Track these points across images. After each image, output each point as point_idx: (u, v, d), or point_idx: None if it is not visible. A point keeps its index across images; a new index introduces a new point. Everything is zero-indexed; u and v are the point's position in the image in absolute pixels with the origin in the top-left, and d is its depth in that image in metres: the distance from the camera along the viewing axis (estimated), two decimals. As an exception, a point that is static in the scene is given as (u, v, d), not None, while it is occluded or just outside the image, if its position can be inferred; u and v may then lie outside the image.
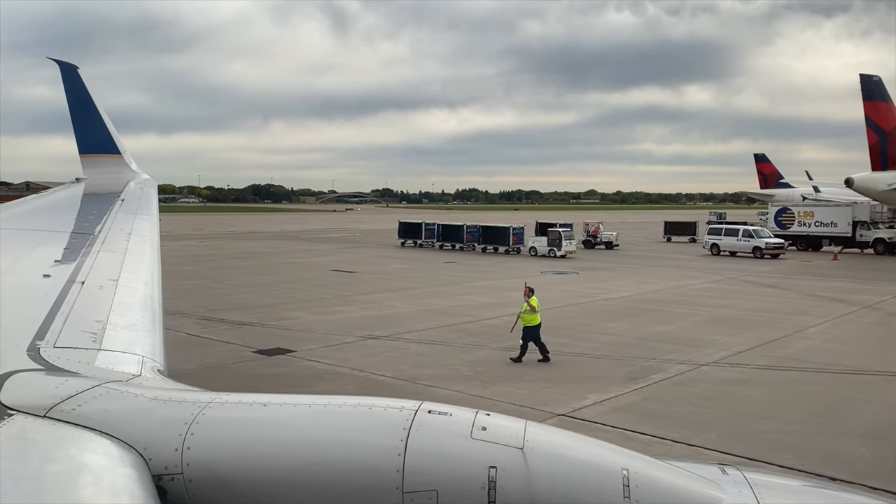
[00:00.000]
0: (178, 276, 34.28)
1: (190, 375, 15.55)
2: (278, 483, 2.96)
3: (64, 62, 14.63)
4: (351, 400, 3.29)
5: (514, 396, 14.01)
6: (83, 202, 11.64)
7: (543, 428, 3.28)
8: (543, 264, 41.88)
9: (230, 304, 25.78)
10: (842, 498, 3.34)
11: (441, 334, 20.37)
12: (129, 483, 2.77)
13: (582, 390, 14.48)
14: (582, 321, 22.75)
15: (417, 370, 16.19)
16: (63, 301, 5.26)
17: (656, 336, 20.38)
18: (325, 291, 29.39)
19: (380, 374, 15.78)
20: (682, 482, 3.07)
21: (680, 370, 16.27)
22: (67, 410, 3.19)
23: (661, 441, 11.53)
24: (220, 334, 20.23)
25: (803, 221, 55.54)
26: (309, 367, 16.59)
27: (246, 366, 16.72)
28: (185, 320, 22.31)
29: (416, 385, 14.96)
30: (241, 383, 15.07)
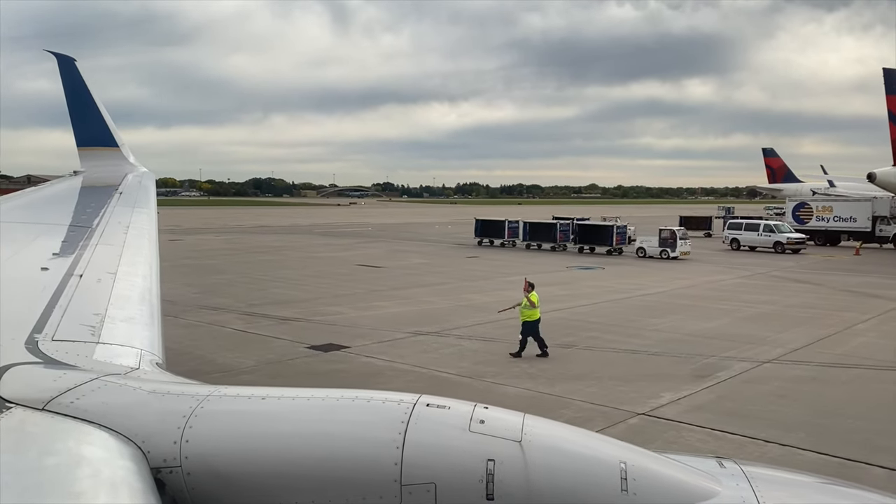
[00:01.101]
0: (204, 270, 34.09)
1: (253, 372, 15.41)
2: (277, 476, 2.96)
3: (61, 55, 14.50)
4: (349, 393, 3.28)
5: (586, 395, 13.82)
6: (81, 195, 11.56)
7: (541, 421, 3.26)
8: (575, 259, 41.64)
9: (266, 299, 25.56)
10: (839, 491, 3.34)
11: (489, 330, 20.18)
12: (127, 476, 2.75)
13: (653, 388, 14.29)
14: (626, 317, 22.54)
15: (479, 367, 16.00)
16: (61, 294, 5.23)
17: (706, 332, 20.19)
18: (356, 286, 29.17)
19: (442, 371, 15.59)
20: (680, 475, 3.09)
21: (744, 368, 16.08)
22: (66, 403, 3.17)
23: (752, 441, 11.35)
24: (267, 329, 20.02)
25: (821, 216, 55.35)
26: (368, 363, 16.38)
27: (304, 362, 16.52)
28: (226, 315, 22.11)
29: (483, 382, 14.78)
30: (302, 379, 14.86)
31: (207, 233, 63.26)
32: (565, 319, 21.99)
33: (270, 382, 14.61)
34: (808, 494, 3.25)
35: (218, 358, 16.67)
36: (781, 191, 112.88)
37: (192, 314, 22.24)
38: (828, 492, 3.34)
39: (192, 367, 15.75)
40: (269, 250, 45.96)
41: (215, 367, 15.81)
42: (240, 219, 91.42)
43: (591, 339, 19.00)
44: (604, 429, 11.91)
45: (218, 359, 16.61)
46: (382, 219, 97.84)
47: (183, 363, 16.18)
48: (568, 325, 20.95)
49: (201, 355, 16.92)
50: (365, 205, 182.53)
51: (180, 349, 17.59)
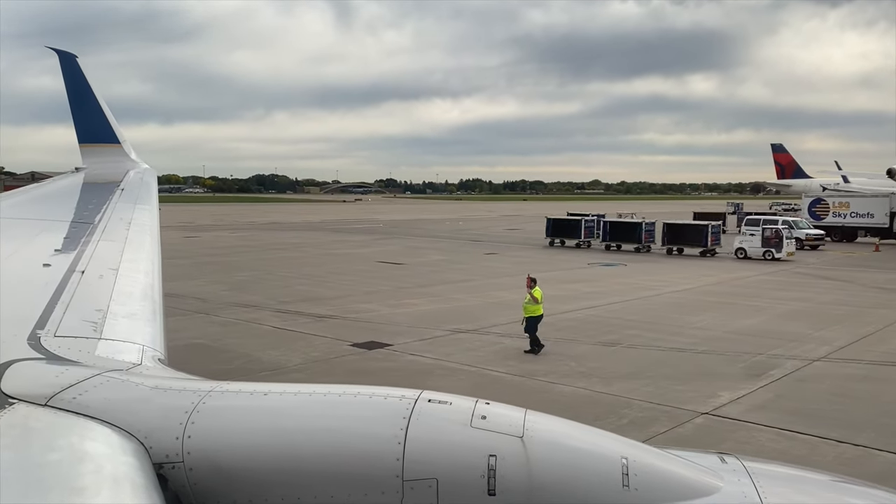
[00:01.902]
0: (228, 267, 33.97)
1: (302, 371, 15.30)
2: (279, 471, 2.96)
3: (63, 51, 14.46)
4: (351, 389, 3.27)
5: (644, 394, 13.68)
6: (83, 191, 11.56)
7: (543, 416, 3.25)
8: (596, 256, 41.48)
9: (296, 296, 25.44)
10: (841, 486, 3.33)
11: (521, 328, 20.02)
12: (130, 471, 2.75)
13: (710, 388, 14.16)
14: (661, 314, 22.39)
15: (527, 366, 15.87)
16: (63, 290, 5.23)
17: (746, 330, 20.05)
18: (382, 283, 29.04)
19: (492, 370, 15.47)
20: (681, 470, 3.08)
21: (795, 366, 15.93)
22: (68, 399, 3.17)
23: (824, 441, 11.22)
24: (306, 327, 19.90)
25: (838, 212, 55.09)
26: (414, 361, 16.27)
27: (350, 360, 16.40)
28: (261, 313, 22.00)
29: (535, 381, 14.66)
30: (353, 378, 14.70)
31: (221, 230, 63.13)
32: (601, 317, 21.86)
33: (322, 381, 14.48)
34: (810, 490, 3.22)
35: (263, 356, 16.55)
36: (791, 187, 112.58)
37: (227, 312, 22.14)
38: (830, 487, 3.30)
39: (240, 366, 15.66)
40: (287, 247, 45.83)
41: (262, 366, 15.70)
42: (248, 216, 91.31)
43: (634, 337, 18.85)
44: (670, 429, 11.82)
45: (263, 357, 16.49)
46: (391, 215, 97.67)
47: (229, 361, 16.11)
48: (606, 323, 20.81)
49: (245, 353, 16.81)
50: (370, 201, 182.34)
51: (222, 347, 17.50)
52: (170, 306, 22.96)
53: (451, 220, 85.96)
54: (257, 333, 19.12)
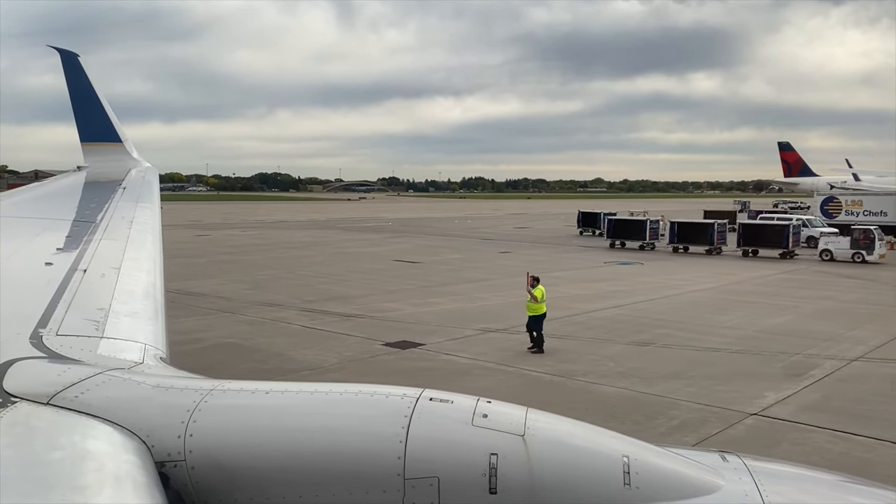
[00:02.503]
0: (245, 266, 33.87)
1: (340, 370, 15.21)
2: (280, 470, 2.96)
3: (65, 50, 14.43)
4: (353, 387, 3.27)
5: (688, 395, 13.56)
6: (85, 190, 11.57)
7: (545, 415, 3.23)
8: (611, 255, 41.34)
9: (318, 294, 25.32)
10: (844, 485, 3.31)
11: (556, 328, 19.86)
12: (131, 470, 2.74)
13: (753, 388, 14.03)
14: (689, 314, 22.26)
15: (564, 366, 15.74)
16: (65, 289, 5.22)
17: (777, 329, 19.92)
18: (403, 282, 28.93)
19: (531, 370, 15.36)
20: (683, 469, 3.07)
21: (834, 366, 15.80)
22: (70, 398, 3.17)
23: (881, 443, 11.10)
24: (334, 326, 19.79)
25: (851, 210, 54.91)
26: (450, 361, 16.16)
27: (385, 360, 16.29)
28: (287, 312, 21.90)
29: (576, 381, 14.54)
30: (392, 378, 14.58)
31: (230, 228, 63.05)
32: (630, 316, 21.73)
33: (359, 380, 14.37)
34: (811, 488, 3.19)
35: (297, 356, 16.44)
36: (798, 185, 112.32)
37: (252, 311, 22.04)
38: (832, 486, 3.28)
39: (275, 366, 15.55)
40: (300, 246, 45.72)
41: (299, 365, 15.59)
42: (255, 214, 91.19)
43: (666, 337, 18.72)
44: (722, 430, 11.70)
45: (298, 356, 16.38)
46: (397, 213, 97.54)
47: (264, 361, 16.02)
48: (636, 322, 20.68)
49: (279, 352, 16.70)
50: (374, 199, 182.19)
51: (254, 346, 17.40)
52: (194, 305, 22.95)
53: (459, 218, 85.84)
54: (287, 332, 19.01)
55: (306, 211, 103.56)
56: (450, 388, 11.60)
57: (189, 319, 20.55)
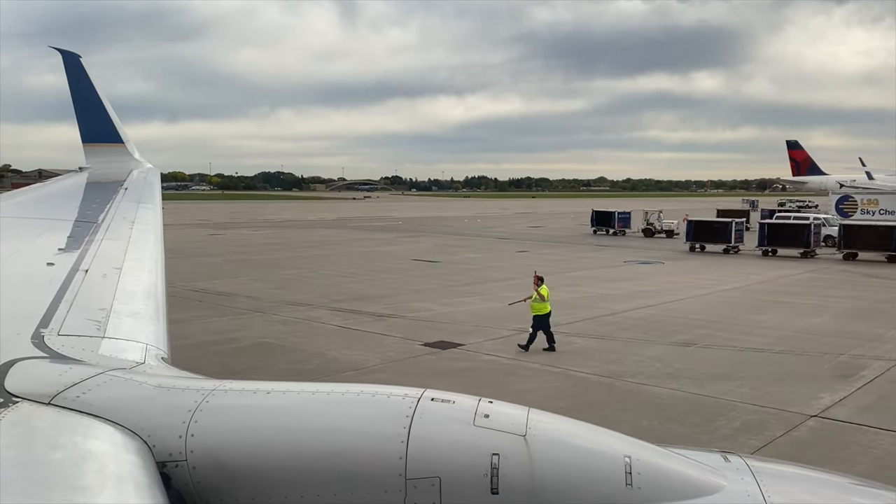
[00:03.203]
0: (265, 265, 33.74)
1: (385, 371, 15.03)
2: (282, 470, 2.95)
3: (66, 51, 14.45)
4: (354, 387, 3.27)
5: (741, 396, 13.38)
6: (86, 191, 11.65)
7: (546, 415, 3.23)
8: (627, 254, 41.17)
9: (344, 294, 25.16)
10: (847, 486, 3.29)
11: (592, 328, 19.77)
12: (133, 470, 2.74)
13: (805, 389, 13.85)
14: (723, 314, 22.05)
15: (610, 366, 15.56)
16: (67, 289, 5.23)
17: (815, 329, 19.73)
18: (428, 282, 28.75)
19: (577, 371, 15.18)
20: (685, 469, 3.07)
21: (884, 367, 15.59)
22: (72, 398, 3.17)
23: (951, 445, 10.91)
24: (369, 326, 19.62)
25: (867, 209, 54.58)
26: (493, 361, 15.99)
27: (428, 360, 16.12)
28: (318, 311, 21.74)
29: (625, 382, 14.36)
30: (439, 379, 14.47)
31: (241, 227, 62.89)
32: (664, 316, 21.54)
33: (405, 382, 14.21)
34: (813, 489, 3.18)
35: (339, 356, 16.28)
36: (806, 183, 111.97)
37: (283, 310, 21.88)
38: (834, 486, 3.25)
39: (318, 366, 15.40)
40: (315, 245, 45.56)
41: (342, 366, 15.42)
42: (263, 213, 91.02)
43: (706, 337, 18.53)
44: (786, 433, 11.51)
45: (339, 356, 16.22)
46: (405, 213, 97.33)
47: (306, 361, 15.87)
48: (672, 323, 20.50)
49: (319, 352, 16.54)
50: (379, 198, 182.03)
51: (292, 346, 17.24)
52: (223, 305, 22.79)
53: (469, 217, 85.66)
54: (323, 332, 18.84)
55: (314, 210, 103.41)
56: (498, 389, 11.47)
57: (222, 319, 20.40)
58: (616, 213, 55.24)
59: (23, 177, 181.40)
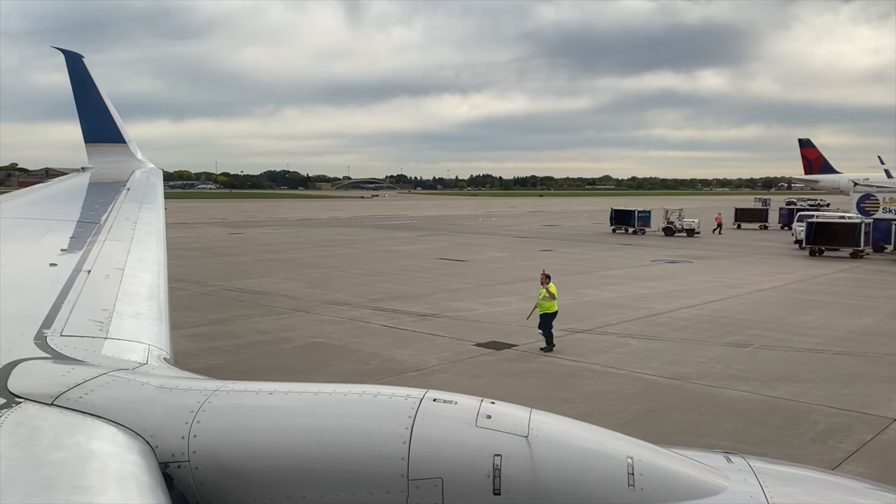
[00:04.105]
0: (294, 265, 33.56)
1: (445, 371, 14.82)
2: (284, 470, 2.94)
3: (69, 51, 14.45)
4: (356, 388, 3.25)
5: (816, 398, 13.15)
6: (89, 191, 11.66)
7: (548, 416, 3.20)
8: (652, 253, 40.91)
9: (380, 293, 24.96)
10: (849, 487, 3.27)
11: (643, 328, 19.53)
12: (135, 470, 2.73)
13: (877, 391, 13.63)
14: (769, 314, 21.79)
15: (673, 368, 15.33)
16: (69, 289, 5.23)
17: (867, 330, 19.48)
18: (461, 281, 28.52)
19: (640, 373, 14.94)
20: (687, 470, 3.05)
21: (950, 368, 15.37)
22: (75, 398, 3.16)
23: None
24: (415, 325, 19.43)
25: (888, 208, 54.03)
26: (554, 363, 15.75)
27: (485, 361, 15.90)
28: (360, 311, 21.55)
29: (694, 385, 14.13)
30: (504, 381, 14.25)
31: (259, 226, 62.70)
32: (711, 316, 21.30)
33: (473, 384, 14.04)
34: (816, 490, 3.14)
35: (395, 356, 16.08)
36: (818, 182, 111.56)
37: (325, 310, 21.68)
38: (836, 487, 3.23)
39: (377, 366, 15.21)
40: (337, 244, 45.36)
41: (401, 366, 15.23)
42: (278, 212, 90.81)
43: (759, 338, 18.29)
44: (875, 437, 11.28)
45: (396, 357, 16.02)
46: (417, 211, 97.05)
47: (364, 361, 15.70)
48: (720, 323, 20.26)
49: (375, 353, 16.34)
50: (387, 197, 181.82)
51: (346, 346, 17.04)
52: (263, 304, 22.58)
53: (482, 216, 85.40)
54: (372, 332, 18.64)
55: (326, 209, 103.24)
56: (570, 392, 11.22)
57: (266, 319, 20.23)
58: (636, 211, 54.90)
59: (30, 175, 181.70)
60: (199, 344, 16.97)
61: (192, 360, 15.46)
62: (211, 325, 19.27)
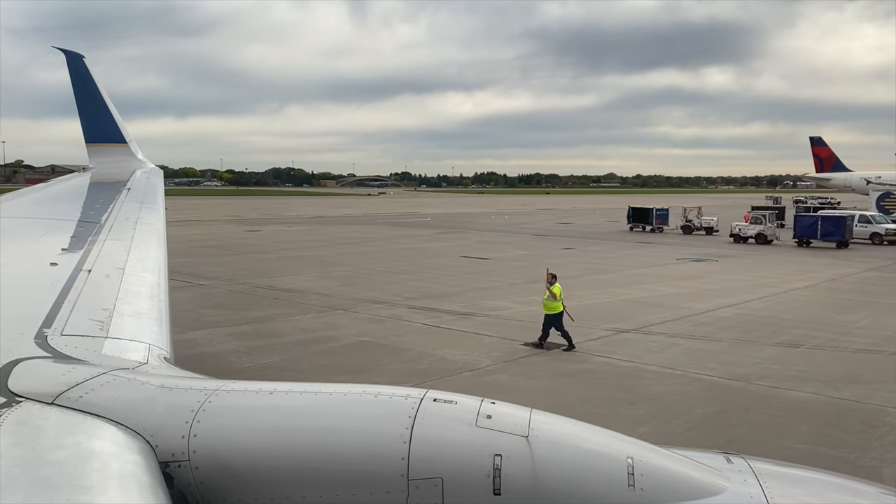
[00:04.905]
0: (319, 262, 33.38)
1: (501, 372, 14.60)
2: (284, 470, 2.94)
3: (70, 51, 14.32)
4: (357, 388, 3.24)
5: (887, 399, 12.90)
6: (89, 191, 11.63)
7: (549, 416, 3.20)
8: (675, 251, 40.64)
9: (414, 291, 24.73)
10: (849, 487, 3.25)
11: (688, 328, 19.27)
12: (136, 470, 2.73)
13: (948, 393, 13.36)
14: (811, 314, 21.53)
15: (730, 368, 15.08)
16: (70, 289, 5.23)
17: (915, 330, 19.22)
18: (490, 279, 28.28)
19: (700, 373, 14.70)
20: (687, 470, 3.05)
21: None
22: (75, 398, 3.15)
23: None
24: (457, 324, 19.21)
25: (908, 206, 53.90)
26: (608, 363, 15.51)
27: (538, 361, 15.67)
28: (397, 309, 21.34)
29: (756, 386, 13.89)
30: (558, 381, 14.03)
31: (274, 224, 62.47)
32: (753, 316, 21.03)
33: (534, 385, 13.83)
34: (816, 490, 3.15)
35: (446, 356, 15.86)
36: (830, 180, 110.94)
37: (363, 308, 21.47)
38: (836, 487, 3.22)
39: (430, 366, 15.01)
40: (357, 241, 45.13)
41: (454, 366, 15.02)
42: (289, 209, 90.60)
43: (807, 338, 18.04)
44: (957, 439, 11.01)
45: (447, 356, 15.81)
46: (428, 209, 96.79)
47: (416, 360, 15.51)
48: (764, 322, 20.01)
49: (424, 352, 16.13)
50: (394, 195, 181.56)
51: (394, 345, 16.84)
52: (299, 302, 22.31)
53: (495, 214, 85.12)
54: (416, 331, 18.43)
55: (337, 206, 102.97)
56: (633, 394, 10.96)
57: (306, 317, 20.03)
58: (654, 209, 54.57)
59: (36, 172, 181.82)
60: (245, 342, 16.77)
61: (242, 358, 15.30)
62: (252, 323, 19.07)
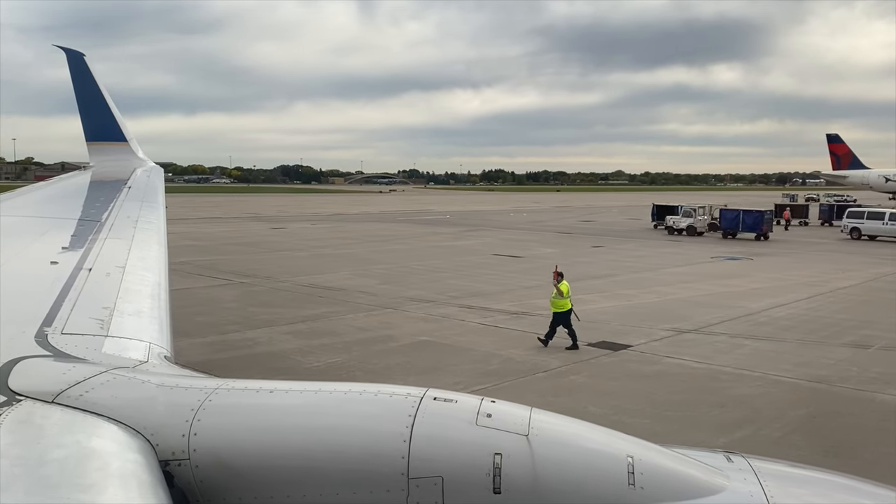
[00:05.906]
0: (354, 260, 33.21)
1: (574, 372, 14.31)
2: (284, 469, 2.93)
3: (70, 50, 14.27)
4: (357, 387, 3.24)
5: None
6: (90, 189, 11.64)
7: (549, 415, 3.20)
8: (707, 249, 40.23)
9: (456, 290, 24.45)
10: (849, 486, 3.23)
11: (747, 328, 18.94)
12: (136, 469, 2.73)
13: None
14: (869, 313, 21.16)
15: (806, 370, 14.74)
16: (70, 288, 5.23)
17: (981, 331, 18.82)
18: (530, 278, 27.89)
19: (779, 376, 14.35)
20: (688, 469, 3.05)
21: None
22: (75, 396, 3.15)
23: None
24: (511, 324, 18.94)
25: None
26: (680, 365, 15.18)
27: (609, 362, 15.36)
28: (447, 308, 21.07)
29: (840, 388, 13.58)
30: (636, 384, 13.73)
31: (296, 221, 62.22)
32: (809, 315, 20.70)
33: (614, 387, 13.54)
34: (816, 489, 3.14)
35: (513, 356, 15.59)
36: (847, 178, 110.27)
37: (411, 307, 21.21)
38: (837, 487, 3.21)
39: (499, 366, 14.78)
40: (385, 239, 44.83)
41: (526, 366, 14.78)
42: (307, 207, 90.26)
43: (875, 339, 17.71)
44: None
45: (515, 357, 15.54)
46: (442, 206, 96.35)
47: (485, 360, 15.26)
48: (822, 322, 19.72)
49: (490, 352, 15.86)
50: (404, 192, 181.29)
51: (458, 345, 16.61)
52: (345, 300, 22.04)
53: (511, 211, 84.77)
54: (472, 330, 18.16)
55: (352, 204, 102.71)
56: (721, 396, 10.55)
57: (358, 315, 19.78)
58: (680, 207, 54.10)
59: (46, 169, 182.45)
60: (306, 341, 16.54)
61: (308, 357, 15.11)
62: (306, 321, 18.83)
